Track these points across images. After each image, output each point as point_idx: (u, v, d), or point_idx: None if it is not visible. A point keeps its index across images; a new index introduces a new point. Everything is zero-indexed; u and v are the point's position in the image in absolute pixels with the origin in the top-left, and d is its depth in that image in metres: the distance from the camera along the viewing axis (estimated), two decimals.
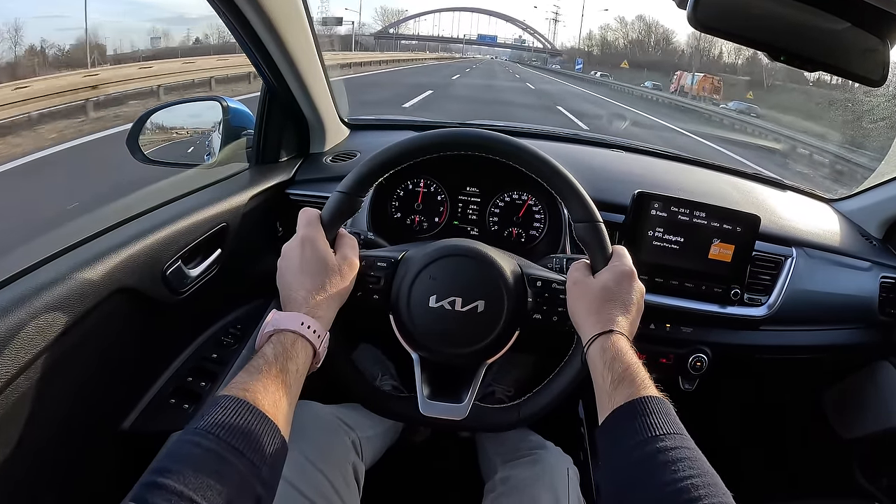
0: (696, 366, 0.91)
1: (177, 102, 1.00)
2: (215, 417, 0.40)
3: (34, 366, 0.51)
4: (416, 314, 0.59)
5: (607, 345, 0.52)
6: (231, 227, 0.81)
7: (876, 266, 1.02)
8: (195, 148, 1.09)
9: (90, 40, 13.07)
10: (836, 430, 1.12)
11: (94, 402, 0.64)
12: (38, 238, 0.63)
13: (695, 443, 0.44)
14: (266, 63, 0.82)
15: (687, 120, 14.72)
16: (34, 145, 4.75)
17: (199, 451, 0.37)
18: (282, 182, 0.92)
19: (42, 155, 4.42)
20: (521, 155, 0.61)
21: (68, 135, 5.26)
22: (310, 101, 0.93)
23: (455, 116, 6.08)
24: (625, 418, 0.46)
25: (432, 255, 0.60)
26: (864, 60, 0.58)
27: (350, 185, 0.59)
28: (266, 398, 0.43)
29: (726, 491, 0.39)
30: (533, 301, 0.61)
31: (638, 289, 0.58)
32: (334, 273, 0.55)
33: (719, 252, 0.87)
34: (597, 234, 0.59)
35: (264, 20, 0.72)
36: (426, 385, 0.62)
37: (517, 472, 0.74)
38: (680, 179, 1.02)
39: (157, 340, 0.74)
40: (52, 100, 5.90)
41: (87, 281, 0.56)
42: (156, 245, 0.66)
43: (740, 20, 0.57)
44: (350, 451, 0.74)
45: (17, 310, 0.49)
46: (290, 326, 0.50)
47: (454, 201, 0.97)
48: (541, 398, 0.62)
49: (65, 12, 20.38)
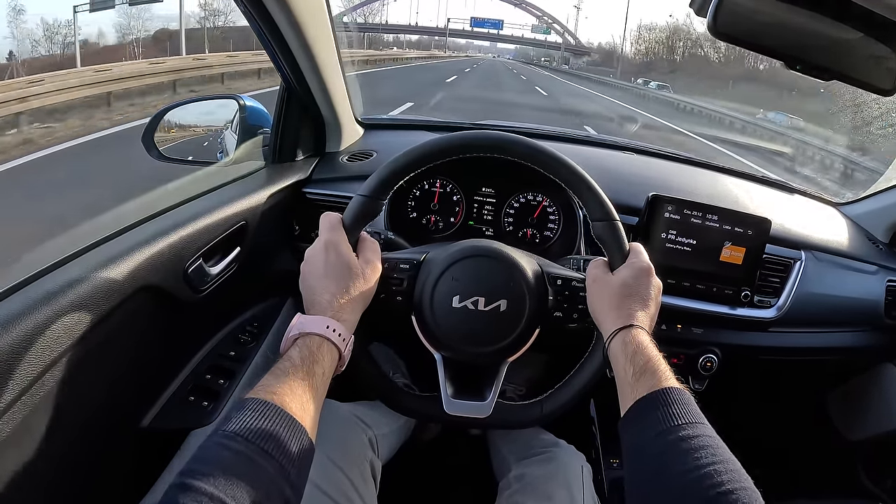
0: (706, 366, 0.92)
1: (193, 100, 1.01)
2: (244, 420, 0.40)
3: (59, 363, 0.52)
4: (439, 315, 0.60)
5: (628, 338, 0.53)
6: (250, 226, 0.81)
7: (883, 270, 1.03)
8: (208, 145, 1.10)
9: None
10: (840, 431, 1.14)
11: (116, 400, 0.64)
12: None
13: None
14: (287, 61, 0.82)
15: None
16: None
17: (228, 453, 0.38)
18: (299, 181, 0.93)
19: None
20: (539, 156, 0.62)
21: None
22: (328, 100, 0.94)
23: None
24: (647, 409, 0.47)
25: (454, 256, 0.61)
26: (876, 70, 0.60)
27: (372, 189, 0.60)
28: (293, 401, 0.44)
29: (748, 477, 0.40)
30: (553, 299, 0.62)
31: (656, 284, 0.59)
32: (358, 276, 0.56)
33: (730, 255, 0.88)
34: (614, 233, 0.60)
35: (290, 18, 0.72)
36: (450, 384, 0.63)
37: (531, 469, 0.75)
38: (691, 182, 1.03)
39: (177, 338, 0.75)
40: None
41: (111, 279, 0.57)
42: (178, 243, 0.66)
43: (758, 30, 0.59)
44: (367, 448, 0.75)
45: (44, 308, 0.50)
46: (315, 330, 0.50)
47: (470, 202, 0.98)
48: (563, 394, 0.63)
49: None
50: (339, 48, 0.89)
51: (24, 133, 5.18)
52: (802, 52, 0.59)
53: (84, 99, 6.45)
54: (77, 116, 6.06)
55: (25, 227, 2.65)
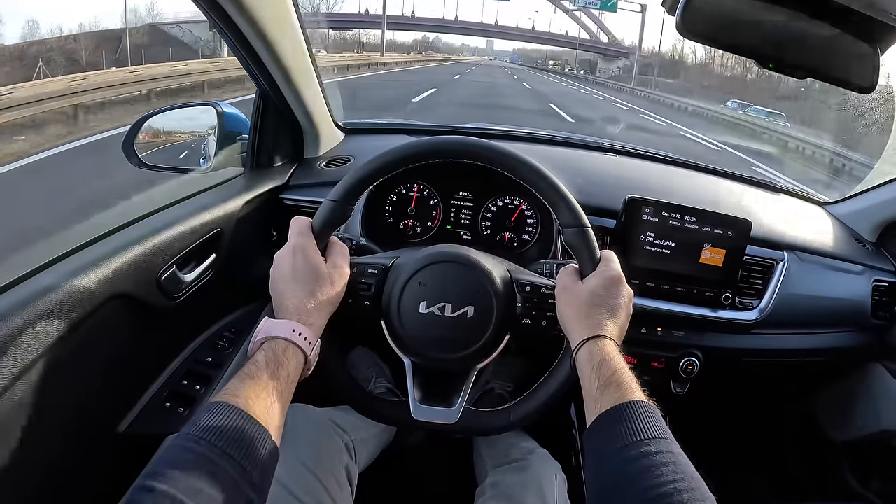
0: (687, 369, 0.91)
1: (172, 108, 1.01)
2: (206, 423, 0.40)
3: (31, 372, 0.52)
4: (406, 320, 0.60)
5: (595, 350, 0.52)
6: (225, 233, 0.81)
7: (869, 269, 1.03)
8: (190, 152, 1.10)
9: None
10: (827, 432, 1.13)
11: (91, 407, 0.64)
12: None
13: (685, 445, 0.44)
14: (258, 68, 0.82)
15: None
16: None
17: (190, 455, 0.38)
18: (276, 187, 0.93)
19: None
20: (508, 161, 0.61)
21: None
22: (303, 106, 0.94)
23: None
24: (610, 423, 0.46)
25: (422, 261, 0.61)
26: (854, 67, 0.59)
27: (340, 194, 0.60)
28: (257, 404, 0.44)
29: (710, 495, 0.40)
30: (522, 306, 0.62)
31: (626, 293, 0.58)
32: (325, 281, 0.56)
33: (710, 257, 0.88)
34: (585, 239, 0.60)
35: (253, 25, 0.72)
36: (418, 389, 0.63)
37: (506, 477, 0.75)
38: (672, 183, 1.03)
39: (153, 345, 0.75)
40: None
41: (83, 287, 0.57)
42: (150, 251, 0.67)
43: (729, 28, 0.58)
44: (343, 454, 0.75)
45: (15, 317, 0.50)
46: (281, 334, 0.51)
47: (447, 206, 0.98)
48: (531, 402, 0.63)
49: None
50: (313, 54, 0.89)
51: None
52: (777, 51, 0.58)
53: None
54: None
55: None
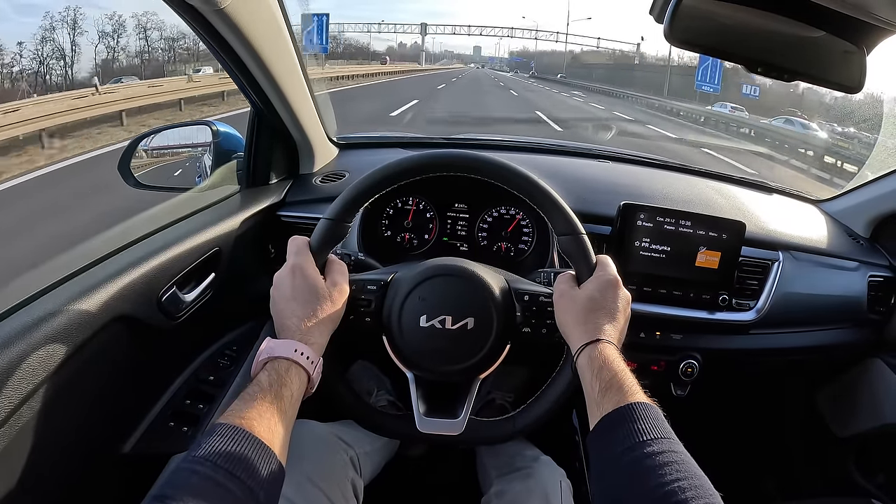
0: (686, 372, 0.91)
1: (167, 127, 1.02)
2: (212, 445, 0.41)
3: (35, 396, 0.53)
4: (407, 334, 0.61)
5: (595, 354, 0.53)
6: (224, 251, 0.82)
7: (864, 265, 1.03)
8: (185, 171, 1.11)
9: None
10: (831, 428, 1.13)
11: (95, 429, 0.65)
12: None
13: (688, 446, 0.45)
14: (251, 86, 0.83)
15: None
16: None
17: (196, 478, 0.39)
18: (272, 204, 0.93)
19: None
20: (501, 172, 0.62)
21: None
22: (297, 123, 0.94)
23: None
24: (613, 425, 0.47)
25: (420, 275, 0.61)
26: (841, 68, 0.59)
27: (337, 212, 0.61)
28: (261, 424, 0.44)
29: (714, 492, 0.40)
30: (521, 315, 0.63)
31: (623, 297, 0.59)
32: (325, 299, 0.56)
33: (706, 259, 0.88)
34: (580, 246, 0.61)
35: (245, 44, 0.72)
36: (422, 402, 0.63)
37: (512, 486, 0.75)
38: (665, 187, 1.03)
39: (155, 365, 0.75)
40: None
41: (84, 311, 0.57)
42: (150, 272, 0.67)
43: (716, 34, 0.59)
44: (348, 468, 0.75)
45: (18, 343, 0.51)
46: (283, 354, 0.51)
47: (443, 218, 0.99)
48: (534, 410, 0.63)
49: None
50: (306, 70, 0.90)
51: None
52: (763, 54, 0.59)
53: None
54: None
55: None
